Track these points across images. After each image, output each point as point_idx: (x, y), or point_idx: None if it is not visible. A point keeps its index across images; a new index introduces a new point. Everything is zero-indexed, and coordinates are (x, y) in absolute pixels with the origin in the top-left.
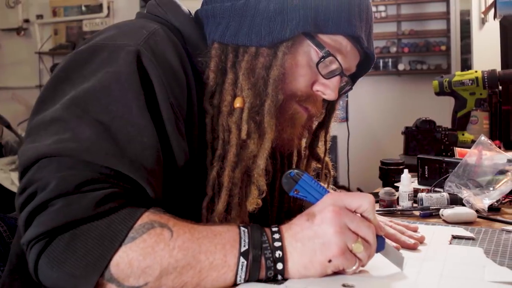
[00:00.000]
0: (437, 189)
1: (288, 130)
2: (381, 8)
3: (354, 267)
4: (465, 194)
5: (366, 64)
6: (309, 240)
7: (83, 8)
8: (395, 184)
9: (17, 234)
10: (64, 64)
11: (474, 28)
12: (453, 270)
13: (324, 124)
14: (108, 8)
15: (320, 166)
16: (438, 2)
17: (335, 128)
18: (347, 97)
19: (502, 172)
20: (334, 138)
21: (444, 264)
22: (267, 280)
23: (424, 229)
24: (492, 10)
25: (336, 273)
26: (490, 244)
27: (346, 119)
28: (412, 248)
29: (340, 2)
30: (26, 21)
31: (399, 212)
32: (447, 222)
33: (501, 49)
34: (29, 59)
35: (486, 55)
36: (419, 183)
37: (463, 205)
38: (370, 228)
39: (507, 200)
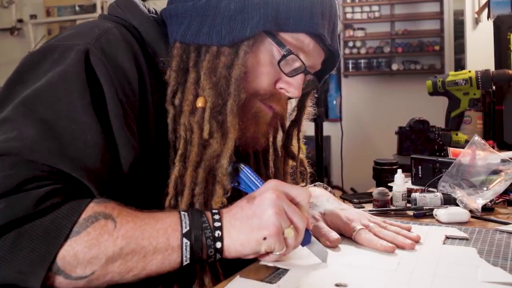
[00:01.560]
0: (430, 189)
1: (251, 129)
2: (375, 8)
3: (281, 251)
4: (458, 194)
5: (332, 61)
6: (248, 219)
7: (77, 8)
8: (389, 184)
9: None
10: (18, 67)
11: (467, 28)
12: (446, 270)
13: (296, 122)
14: (102, 8)
15: (294, 163)
16: (431, 2)
17: (329, 127)
18: (317, 94)
19: (496, 172)
20: (328, 138)
21: (438, 264)
22: (208, 260)
23: (418, 229)
24: (486, 10)
25: (328, 273)
26: (483, 244)
27: (339, 119)
28: (409, 248)
29: (301, 0)
30: (20, 21)
31: (392, 212)
32: (441, 222)
33: (495, 49)
34: None
35: (479, 55)
36: (413, 183)
37: (457, 205)
38: (303, 218)
39: (500, 200)
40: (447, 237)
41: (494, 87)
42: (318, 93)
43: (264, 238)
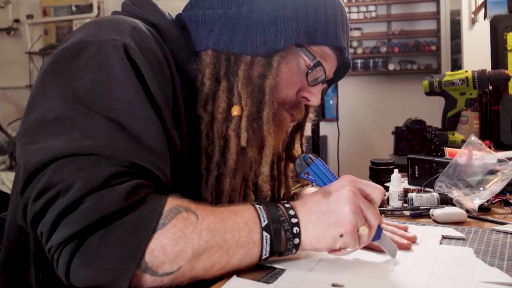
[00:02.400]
0: (427, 189)
1: (277, 137)
2: (371, 8)
3: (354, 248)
4: (455, 194)
5: (343, 71)
6: (324, 215)
7: (73, 8)
8: (385, 184)
9: (6, 234)
10: (51, 61)
11: (464, 28)
12: (443, 270)
13: (299, 127)
14: (98, 8)
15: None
16: (428, 2)
17: (326, 127)
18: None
19: (492, 172)
20: (324, 138)
21: (434, 264)
22: (286, 253)
23: (414, 229)
24: (482, 10)
25: (325, 272)
26: (480, 244)
27: (336, 119)
28: (406, 248)
29: (327, 15)
30: (16, 21)
31: (389, 212)
32: (437, 222)
33: (491, 49)
34: (19, 59)
35: (476, 55)
36: (409, 183)
37: (453, 205)
38: (376, 216)
39: (497, 200)
40: (444, 237)
41: (490, 87)
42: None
43: (341, 235)
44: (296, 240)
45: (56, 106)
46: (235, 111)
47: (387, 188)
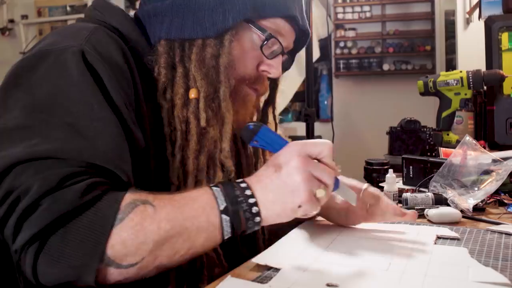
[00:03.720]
0: (422, 189)
1: (242, 112)
2: (366, 8)
3: (316, 211)
4: (450, 194)
5: (303, 40)
6: (279, 189)
7: (68, 8)
8: (380, 184)
9: None
10: (12, 72)
11: (459, 28)
12: (437, 270)
13: (269, 101)
14: None
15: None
16: (423, 2)
17: (320, 128)
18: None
19: (487, 172)
20: (319, 138)
21: (429, 264)
22: (248, 231)
23: (409, 229)
24: (477, 10)
25: (319, 271)
26: (475, 244)
27: (330, 119)
28: (412, 218)
29: None
30: (11, 21)
31: None
32: (432, 222)
33: (486, 49)
34: (13, 59)
35: (470, 55)
36: (404, 183)
37: (448, 205)
38: (330, 174)
39: (491, 200)
40: (438, 237)
41: (485, 87)
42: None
43: (299, 206)
44: (257, 219)
45: (17, 116)
46: (192, 93)
47: (382, 188)
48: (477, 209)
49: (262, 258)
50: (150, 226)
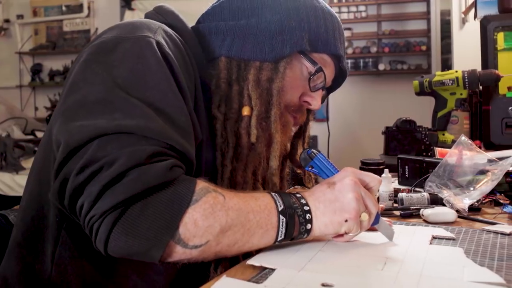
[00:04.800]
0: (417, 189)
1: (282, 137)
2: (362, 8)
3: (357, 233)
4: (445, 194)
5: (340, 79)
6: (331, 203)
7: (64, 8)
8: None
9: (22, 215)
10: (91, 52)
11: (454, 28)
12: (433, 270)
13: (301, 133)
14: (89, 8)
15: (301, 171)
16: (418, 2)
17: (315, 127)
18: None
19: (483, 172)
20: (315, 138)
21: (424, 264)
22: (297, 237)
23: (405, 229)
24: (473, 10)
25: (314, 271)
26: (470, 244)
27: (326, 118)
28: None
29: (326, 26)
30: (7, 21)
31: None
32: (428, 222)
33: (481, 49)
34: (9, 59)
35: (466, 55)
36: (400, 183)
37: (444, 205)
38: (375, 203)
39: (487, 200)
40: (434, 237)
41: (480, 87)
42: None
43: (346, 221)
44: (308, 226)
45: (97, 90)
46: (245, 111)
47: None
48: (472, 209)
49: (257, 259)
50: (220, 212)
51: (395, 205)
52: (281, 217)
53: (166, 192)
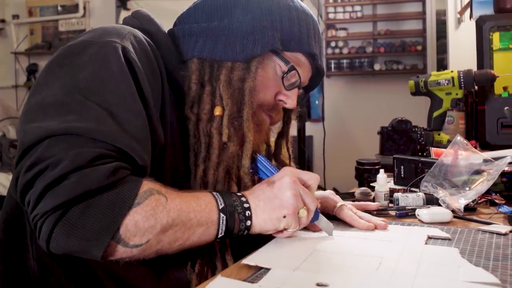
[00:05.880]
0: (413, 189)
1: (256, 136)
2: (357, 8)
3: (295, 229)
4: (441, 194)
5: (318, 78)
6: (270, 200)
7: (59, 8)
8: (371, 184)
9: (4, 214)
10: (58, 54)
11: (450, 28)
12: (428, 270)
13: (283, 134)
14: (84, 8)
15: None
16: (414, 2)
17: (311, 127)
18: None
19: (478, 172)
20: (310, 138)
21: (420, 264)
22: (238, 233)
23: (400, 229)
24: (468, 10)
25: (309, 271)
26: (466, 244)
27: (322, 119)
28: (384, 227)
29: (300, 25)
30: (2, 21)
31: (375, 212)
32: (423, 222)
33: (477, 49)
34: (4, 59)
35: (462, 55)
36: (395, 183)
37: (439, 205)
38: (314, 200)
39: (483, 200)
40: (429, 237)
41: (476, 87)
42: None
43: (284, 217)
44: (248, 222)
45: (56, 93)
46: (217, 111)
47: (373, 188)
48: (468, 209)
49: (252, 259)
50: (161, 213)
51: (390, 205)
52: (222, 215)
53: (108, 195)
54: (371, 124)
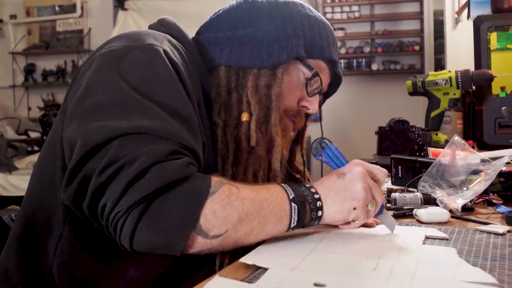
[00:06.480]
0: (410, 189)
1: (282, 141)
2: (355, 8)
3: (363, 221)
4: (438, 194)
5: (335, 85)
6: (340, 191)
7: (57, 8)
8: None
9: (18, 217)
10: (103, 59)
11: (447, 28)
12: (426, 270)
13: (299, 140)
14: (82, 8)
15: (299, 176)
16: (411, 2)
17: (309, 128)
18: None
19: (476, 172)
20: (308, 139)
21: (417, 264)
22: (309, 224)
23: (398, 229)
24: (466, 10)
25: (307, 271)
26: (463, 244)
27: (319, 119)
28: (371, 225)
29: (320, 33)
30: (0, 21)
31: None
32: (421, 222)
33: (475, 49)
34: (2, 59)
35: (459, 55)
36: (393, 183)
37: (437, 205)
38: (381, 194)
39: (480, 200)
40: (427, 237)
41: (474, 87)
42: None
43: (354, 208)
44: (319, 212)
45: (112, 93)
46: (244, 117)
47: None
48: (465, 209)
49: (249, 258)
50: (236, 202)
51: (388, 205)
52: (293, 204)
53: (185, 186)
54: (369, 124)
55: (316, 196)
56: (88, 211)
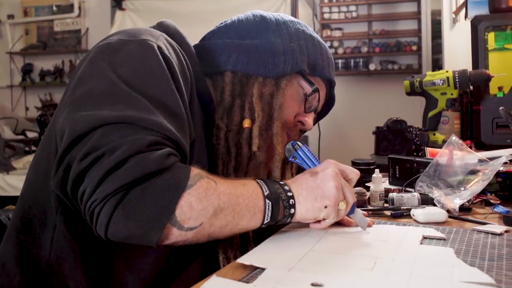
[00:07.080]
0: (408, 189)
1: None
2: (352, 8)
3: (333, 220)
4: (436, 194)
5: (329, 106)
6: (312, 190)
7: (54, 8)
8: (366, 184)
9: (16, 210)
10: (97, 51)
11: (445, 28)
12: (423, 270)
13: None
14: (79, 8)
15: None
16: (409, 2)
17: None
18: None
19: (473, 172)
20: (305, 138)
21: (415, 264)
22: (281, 221)
23: (395, 229)
24: (463, 10)
25: (304, 271)
26: (461, 244)
27: None
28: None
29: (322, 53)
30: None
31: (370, 212)
32: (418, 222)
33: (472, 49)
34: (1, 59)
35: (457, 55)
36: (390, 183)
37: (434, 205)
38: (352, 194)
39: (478, 200)
40: (424, 237)
41: (471, 87)
42: None
43: (325, 207)
44: (292, 210)
45: (103, 84)
46: (246, 123)
47: (368, 188)
48: (463, 209)
49: (247, 258)
50: (212, 196)
51: (385, 205)
52: (267, 201)
53: (163, 177)
54: (366, 124)
55: (290, 193)
56: (71, 197)
